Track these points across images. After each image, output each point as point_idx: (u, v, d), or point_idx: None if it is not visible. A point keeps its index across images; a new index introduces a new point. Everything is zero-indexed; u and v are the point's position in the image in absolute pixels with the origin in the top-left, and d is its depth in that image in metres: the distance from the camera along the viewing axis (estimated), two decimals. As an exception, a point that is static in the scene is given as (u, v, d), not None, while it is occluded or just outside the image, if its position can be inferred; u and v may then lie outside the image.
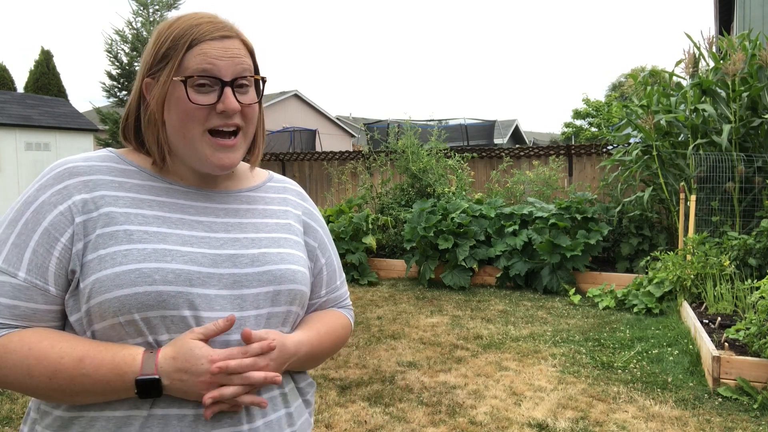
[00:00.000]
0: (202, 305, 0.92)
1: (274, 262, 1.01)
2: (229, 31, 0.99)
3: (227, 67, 0.96)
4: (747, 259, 5.27)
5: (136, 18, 13.63)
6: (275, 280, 1.00)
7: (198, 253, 0.95)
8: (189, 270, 0.92)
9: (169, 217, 0.97)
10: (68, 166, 0.97)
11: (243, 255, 0.99)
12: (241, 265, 0.97)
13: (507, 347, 4.63)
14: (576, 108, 28.88)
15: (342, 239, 7.48)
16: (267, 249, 1.02)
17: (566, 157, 8.67)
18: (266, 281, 0.99)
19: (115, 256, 0.90)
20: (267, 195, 1.11)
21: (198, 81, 0.95)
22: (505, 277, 6.81)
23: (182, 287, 0.91)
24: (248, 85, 1.00)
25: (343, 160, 10.29)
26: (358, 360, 4.34)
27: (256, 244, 1.01)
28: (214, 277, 0.94)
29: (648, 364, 4.18)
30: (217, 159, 0.98)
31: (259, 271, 0.99)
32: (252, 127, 1.03)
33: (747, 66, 6.04)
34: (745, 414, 3.33)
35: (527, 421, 3.28)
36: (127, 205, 0.95)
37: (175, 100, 0.95)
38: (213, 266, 0.95)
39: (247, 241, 1.01)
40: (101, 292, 0.88)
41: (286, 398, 1.02)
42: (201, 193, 1.03)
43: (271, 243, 1.03)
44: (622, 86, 32.36)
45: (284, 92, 26.99)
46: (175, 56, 0.95)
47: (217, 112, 0.96)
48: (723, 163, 6.00)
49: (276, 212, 1.09)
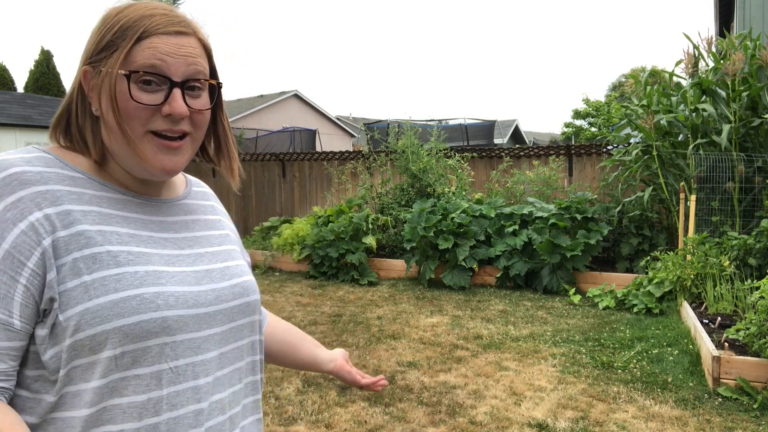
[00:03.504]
0: (197, 325, 0.89)
1: (238, 275, 0.99)
2: (186, 27, 0.89)
3: (178, 66, 0.87)
4: (747, 259, 5.27)
5: (136, 18, 13.63)
6: (244, 292, 0.99)
7: (183, 273, 0.90)
8: (184, 292, 0.88)
9: (140, 234, 0.90)
10: (14, 172, 0.83)
11: (213, 270, 0.95)
12: (217, 280, 0.95)
13: (507, 347, 4.63)
14: (576, 108, 28.89)
15: (342, 239, 7.48)
16: (227, 263, 0.99)
17: (566, 157, 8.67)
18: (238, 294, 0.97)
19: (105, 282, 0.81)
20: (197, 202, 1.05)
21: (143, 77, 0.85)
22: (505, 277, 6.80)
23: (183, 310, 0.87)
24: (201, 89, 0.91)
25: (343, 160, 10.29)
26: (358, 360, 4.34)
27: (217, 258, 0.98)
28: (202, 296, 0.91)
29: (648, 364, 4.18)
30: (160, 162, 0.89)
31: (231, 284, 0.97)
32: (201, 134, 0.94)
33: (747, 66, 6.04)
34: (745, 414, 3.33)
35: (527, 421, 3.28)
36: (97, 221, 0.86)
37: (116, 95, 0.85)
38: (197, 284, 0.91)
39: (209, 255, 0.97)
40: (95, 323, 0.79)
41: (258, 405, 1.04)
42: (151, 204, 0.95)
43: (227, 256, 1.00)
44: (622, 86, 32.36)
45: (284, 92, 27.00)
46: (122, 47, 0.85)
47: (163, 115, 0.87)
48: (723, 163, 6.00)
49: (214, 223, 1.05)
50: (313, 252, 7.58)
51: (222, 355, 0.93)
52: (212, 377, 0.91)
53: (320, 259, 7.47)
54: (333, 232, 7.53)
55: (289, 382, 3.90)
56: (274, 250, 8.14)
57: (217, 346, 0.92)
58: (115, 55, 0.86)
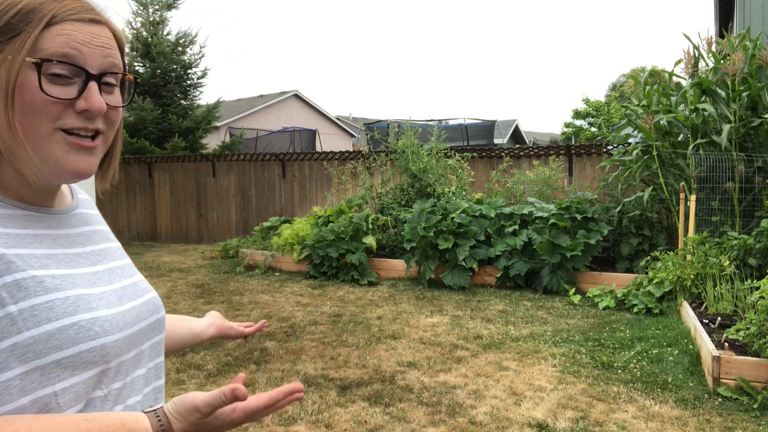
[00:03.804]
0: (127, 348, 0.83)
1: (147, 291, 0.94)
2: (99, 15, 0.80)
3: (95, 57, 0.78)
4: (747, 259, 5.27)
5: (136, 18, 13.64)
6: (156, 308, 0.94)
7: (107, 293, 0.84)
8: (114, 314, 0.82)
9: (55, 254, 0.81)
10: None
11: (127, 287, 0.89)
12: (133, 298, 0.88)
13: (507, 347, 4.63)
14: (576, 108, 28.89)
15: (342, 239, 7.48)
16: (133, 278, 0.93)
17: (566, 157, 8.67)
18: (152, 311, 0.92)
19: (36, 311, 0.72)
20: (88, 212, 0.96)
21: (55, 68, 0.75)
22: (505, 277, 6.80)
23: (117, 334, 0.80)
24: (115, 85, 0.83)
25: (343, 160, 10.29)
26: (358, 360, 4.34)
27: (124, 273, 0.91)
28: (127, 316, 0.85)
29: (648, 364, 4.18)
30: (72, 163, 0.78)
31: (145, 301, 0.91)
32: (113, 134, 0.85)
33: (747, 66, 6.04)
34: (745, 414, 3.33)
35: (527, 421, 3.28)
36: (10, 244, 0.75)
37: (18, 87, 0.74)
38: (121, 305, 0.85)
39: (118, 271, 0.90)
40: (27, 360, 0.70)
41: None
42: (51, 217, 0.85)
43: (131, 271, 0.94)
44: (622, 86, 32.36)
45: (284, 92, 27.00)
46: (27, 31, 0.74)
47: (77, 111, 0.77)
48: (723, 163, 6.00)
49: (107, 234, 0.97)
50: (313, 252, 7.58)
51: (147, 372, 0.90)
52: (141, 395, 0.89)
53: (320, 259, 7.47)
54: (333, 232, 7.53)
55: (289, 382, 3.89)
56: (274, 250, 8.13)
57: (144, 365, 0.89)
58: (16, 40, 0.74)
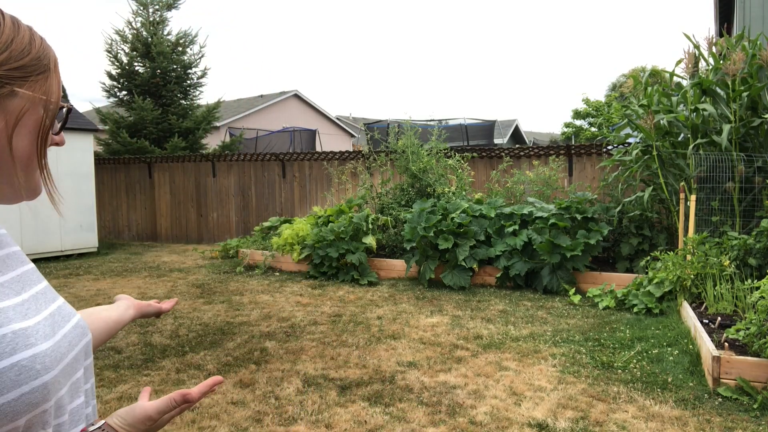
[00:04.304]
0: (64, 379, 0.81)
1: (71, 314, 0.90)
2: None
3: None
4: (747, 259, 5.27)
5: (136, 18, 13.64)
6: (84, 332, 0.91)
7: (40, 324, 0.79)
8: (51, 347, 0.78)
9: None
10: None
11: (54, 313, 0.86)
12: (61, 324, 0.85)
13: (507, 347, 4.63)
14: (576, 108, 28.90)
15: (342, 239, 7.48)
16: (56, 302, 0.89)
17: (566, 157, 8.67)
18: (80, 335, 0.89)
19: None
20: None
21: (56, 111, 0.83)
22: (505, 277, 6.80)
23: (56, 369, 0.77)
24: None
25: (343, 160, 10.29)
26: (358, 360, 4.34)
27: (47, 297, 0.87)
28: (61, 347, 0.81)
29: (648, 364, 4.18)
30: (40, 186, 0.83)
31: (72, 326, 0.88)
32: None
33: (747, 66, 6.04)
34: (745, 414, 3.33)
35: (527, 421, 3.28)
36: None
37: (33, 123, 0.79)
38: (54, 334, 0.81)
39: (41, 296, 0.86)
40: None
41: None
42: None
43: (53, 294, 0.90)
44: (622, 86, 32.35)
45: (284, 92, 26.99)
46: (52, 72, 0.81)
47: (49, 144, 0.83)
48: (723, 163, 6.00)
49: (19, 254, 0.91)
50: (313, 252, 7.58)
51: (86, 397, 0.89)
52: (84, 421, 0.87)
53: (320, 259, 7.47)
54: (333, 232, 7.53)
55: (289, 382, 3.90)
56: (274, 250, 8.13)
57: (81, 392, 0.87)
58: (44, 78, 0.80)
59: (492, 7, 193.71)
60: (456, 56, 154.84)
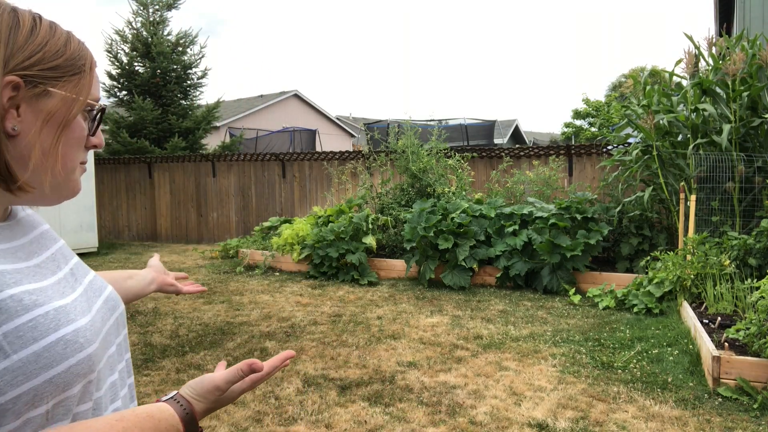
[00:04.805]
0: (103, 352, 0.85)
1: (103, 287, 0.95)
2: None
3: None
4: (747, 259, 5.27)
5: (136, 18, 13.65)
6: (116, 303, 0.95)
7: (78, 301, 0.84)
8: (91, 321, 0.82)
9: (20, 268, 0.80)
10: None
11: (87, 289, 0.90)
12: (94, 299, 0.89)
13: (507, 347, 4.63)
14: (576, 108, 28.92)
15: (342, 239, 7.48)
16: (88, 276, 0.93)
17: (566, 157, 8.68)
18: (113, 307, 0.93)
19: (20, 333, 0.71)
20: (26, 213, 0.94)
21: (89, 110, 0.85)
22: (505, 277, 6.80)
23: (97, 342, 0.82)
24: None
25: (343, 160, 10.29)
26: (358, 360, 4.34)
27: (79, 273, 0.91)
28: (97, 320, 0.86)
29: (648, 364, 4.18)
30: (78, 185, 0.86)
31: (105, 299, 0.92)
32: None
33: (747, 66, 6.04)
34: (745, 414, 3.33)
35: (527, 421, 3.28)
36: None
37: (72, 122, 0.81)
38: (89, 309, 0.85)
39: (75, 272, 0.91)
40: (18, 383, 0.70)
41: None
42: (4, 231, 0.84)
43: (84, 269, 0.94)
44: (622, 86, 32.38)
45: (284, 92, 27.00)
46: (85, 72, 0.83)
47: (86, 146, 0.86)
48: (723, 163, 6.00)
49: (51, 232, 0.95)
50: (313, 252, 7.58)
51: (120, 375, 0.91)
52: (120, 399, 0.90)
53: (320, 259, 7.47)
54: (333, 232, 7.53)
55: (289, 382, 3.90)
56: (274, 250, 8.13)
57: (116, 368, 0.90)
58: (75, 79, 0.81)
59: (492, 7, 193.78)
60: (456, 56, 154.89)
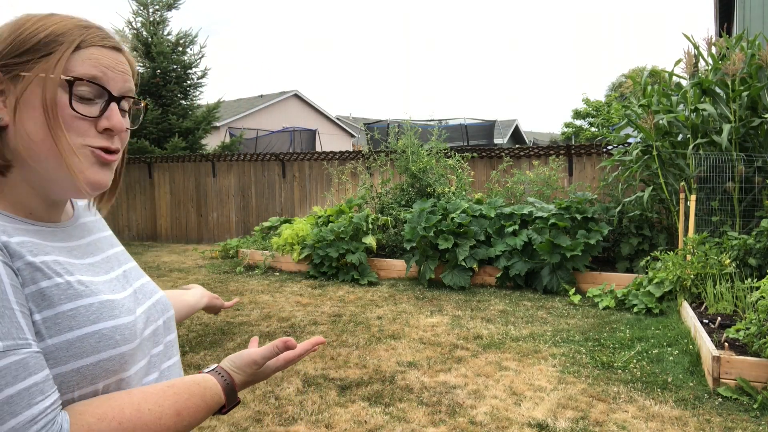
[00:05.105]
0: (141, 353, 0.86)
1: (154, 291, 0.97)
2: (119, 44, 0.88)
3: (117, 81, 0.84)
4: (747, 259, 5.27)
5: (136, 18, 13.65)
6: (165, 308, 0.97)
7: (126, 299, 0.86)
8: (133, 321, 0.84)
9: (74, 263, 0.82)
10: None
11: (138, 291, 0.93)
12: (142, 301, 0.92)
13: (507, 347, 4.63)
14: (576, 108, 28.91)
15: (342, 239, 7.48)
16: (141, 280, 0.96)
17: (566, 157, 8.67)
18: (161, 311, 0.95)
19: (58, 320, 0.74)
20: (90, 219, 0.98)
21: (83, 87, 0.80)
22: (505, 277, 6.80)
23: (134, 342, 0.83)
24: (126, 110, 0.88)
25: (343, 160, 10.29)
26: (358, 360, 4.34)
27: (133, 276, 0.95)
28: (140, 321, 0.87)
29: (648, 364, 4.18)
30: (94, 174, 0.82)
31: (153, 302, 0.94)
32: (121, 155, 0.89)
33: (746, 66, 6.04)
34: (745, 414, 3.33)
35: (527, 421, 3.28)
36: (35, 251, 0.77)
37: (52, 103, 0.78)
38: (135, 310, 0.87)
39: (128, 275, 0.94)
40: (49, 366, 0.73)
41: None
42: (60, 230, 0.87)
43: (138, 273, 0.97)
44: (622, 86, 32.39)
45: (284, 92, 27.00)
46: (59, 51, 0.79)
47: (98, 130, 0.82)
48: (723, 163, 6.00)
49: (111, 239, 1.00)
50: (313, 252, 7.58)
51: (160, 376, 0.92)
52: None
53: (320, 259, 7.47)
54: (333, 232, 7.53)
55: (289, 382, 3.90)
56: (274, 250, 8.13)
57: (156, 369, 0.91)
58: (49, 59, 0.78)
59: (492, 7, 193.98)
60: (456, 56, 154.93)
